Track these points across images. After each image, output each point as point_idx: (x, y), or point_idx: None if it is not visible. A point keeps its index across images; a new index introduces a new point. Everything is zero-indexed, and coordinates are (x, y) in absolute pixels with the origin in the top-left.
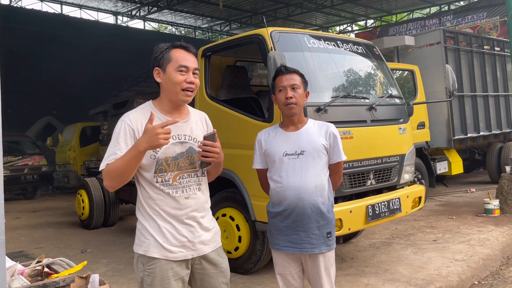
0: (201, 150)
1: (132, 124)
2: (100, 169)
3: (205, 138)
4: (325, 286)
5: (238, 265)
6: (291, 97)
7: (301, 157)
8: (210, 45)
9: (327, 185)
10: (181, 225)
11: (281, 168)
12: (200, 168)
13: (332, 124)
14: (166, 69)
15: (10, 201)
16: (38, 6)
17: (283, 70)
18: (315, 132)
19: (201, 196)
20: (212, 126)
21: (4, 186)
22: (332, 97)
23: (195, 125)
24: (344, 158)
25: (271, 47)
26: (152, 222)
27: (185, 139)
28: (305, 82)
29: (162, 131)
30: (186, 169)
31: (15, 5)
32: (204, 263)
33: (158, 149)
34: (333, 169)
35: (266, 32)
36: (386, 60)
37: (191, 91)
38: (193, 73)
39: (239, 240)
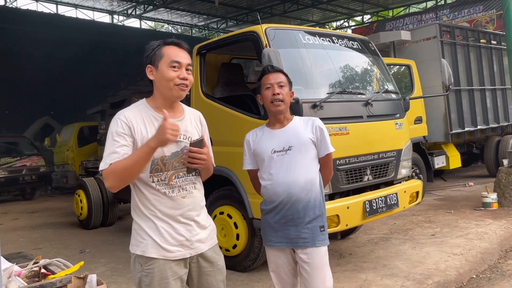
0: (187, 156)
1: (127, 121)
2: (100, 169)
3: (191, 144)
4: (319, 281)
5: (237, 263)
6: (278, 94)
7: (289, 153)
8: (205, 42)
9: (317, 178)
10: (178, 224)
11: (270, 166)
12: (187, 173)
13: (317, 118)
14: (159, 66)
15: (9, 202)
16: (33, 6)
17: (270, 69)
18: (301, 127)
19: (198, 195)
20: (206, 125)
21: (3, 187)
22: (327, 93)
23: (190, 123)
24: (332, 150)
25: (266, 44)
26: (149, 222)
27: (179, 138)
28: (290, 82)
29: (170, 126)
30: (181, 169)
31: (10, 5)
32: (201, 261)
33: None
34: (323, 162)
35: (260, 29)
36: (383, 55)
37: (185, 87)
38: (186, 69)
39: (237, 238)
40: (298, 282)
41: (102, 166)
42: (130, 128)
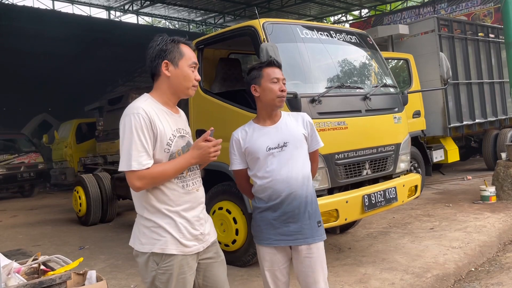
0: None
1: (148, 115)
2: (133, 168)
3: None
4: (319, 277)
5: (236, 258)
6: (283, 91)
7: (285, 149)
8: (202, 37)
9: (310, 174)
10: (194, 218)
11: (266, 163)
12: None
13: (305, 113)
14: (179, 64)
15: (7, 199)
16: (29, 2)
17: (276, 63)
18: (293, 123)
19: (202, 187)
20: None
21: (1, 185)
22: (326, 88)
23: (185, 119)
24: (322, 144)
25: (264, 38)
26: (166, 218)
27: (183, 133)
28: None
29: (214, 149)
30: None
31: (6, 1)
32: (207, 253)
33: (171, 142)
34: (312, 157)
35: (258, 23)
36: (381, 50)
37: (195, 88)
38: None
39: (236, 233)
40: (289, 281)
41: (136, 166)
42: (151, 122)
